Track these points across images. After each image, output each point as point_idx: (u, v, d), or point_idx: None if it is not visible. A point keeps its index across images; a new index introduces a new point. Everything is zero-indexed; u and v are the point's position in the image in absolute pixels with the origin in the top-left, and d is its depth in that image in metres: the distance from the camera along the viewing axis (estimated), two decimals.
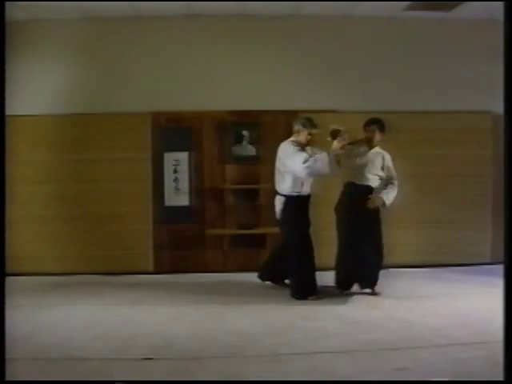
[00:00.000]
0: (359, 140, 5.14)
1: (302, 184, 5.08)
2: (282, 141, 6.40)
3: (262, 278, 5.57)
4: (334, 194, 5.35)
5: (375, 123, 5.14)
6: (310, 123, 5.04)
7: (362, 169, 5.14)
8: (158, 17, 6.30)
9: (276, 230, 6.35)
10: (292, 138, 5.13)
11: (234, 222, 6.43)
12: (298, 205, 5.11)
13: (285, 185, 5.09)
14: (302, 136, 5.06)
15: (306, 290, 5.02)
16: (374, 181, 5.17)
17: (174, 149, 6.39)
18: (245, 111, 6.39)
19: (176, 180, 6.43)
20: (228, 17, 6.34)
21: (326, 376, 3.17)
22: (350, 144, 4.86)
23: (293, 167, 4.91)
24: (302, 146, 5.03)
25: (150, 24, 6.35)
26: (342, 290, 5.15)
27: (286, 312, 4.60)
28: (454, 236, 6.45)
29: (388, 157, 5.25)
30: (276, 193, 5.20)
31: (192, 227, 6.44)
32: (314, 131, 5.03)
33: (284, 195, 5.11)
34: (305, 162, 4.78)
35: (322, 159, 4.72)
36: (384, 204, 5.14)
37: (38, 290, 5.52)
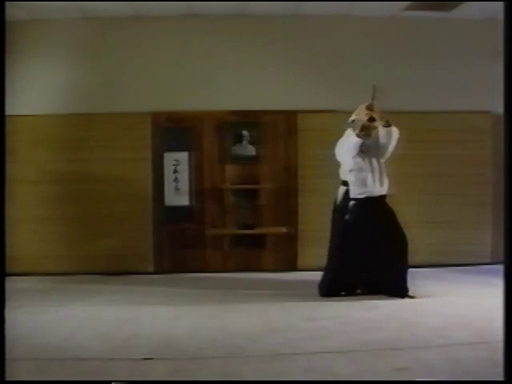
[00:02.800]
0: None
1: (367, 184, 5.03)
2: (281, 141, 6.45)
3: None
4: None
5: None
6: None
7: None
8: (158, 17, 6.30)
9: (276, 230, 6.39)
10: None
11: (234, 222, 6.43)
12: (367, 206, 5.02)
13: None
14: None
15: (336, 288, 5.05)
16: None
17: (174, 149, 6.39)
18: (245, 111, 6.39)
19: (176, 180, 6.43)
20: (228, 17, 6.35)
21: (325, 376, 3.17)
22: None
23: (347, 148, 5.01)
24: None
25: (149, 24, 6.35)
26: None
27: (286, 312, 4.60)
28: (454, 236, 6.44)
29: None
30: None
31: (192, 227, 6.44)
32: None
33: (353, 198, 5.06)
34: (358, 136, 4.95)
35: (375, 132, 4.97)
36: None
37: (38, 290, 5.52)
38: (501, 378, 2.49)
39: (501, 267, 2.62)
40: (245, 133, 6.45)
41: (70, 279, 5.99)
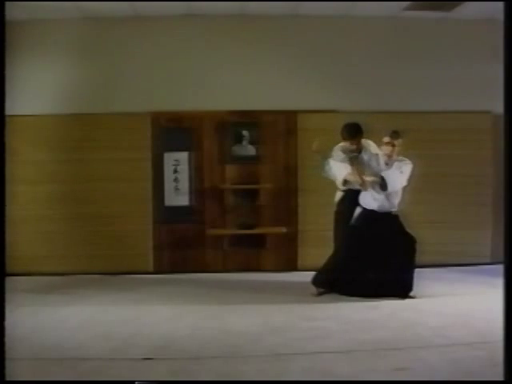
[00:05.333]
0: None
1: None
2: (281, 141, 6.45)
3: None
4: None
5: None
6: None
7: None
8: (158, 17, 6.29)
9: (276, 229, 6.40)
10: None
11: (234, 222, 6.42)
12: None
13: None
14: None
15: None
16: None
17: (174, 149, 6.39)
18: (245, 111, 6.39)
19: (176, 180, 6.43)
20: (228, 17, 6.34)
21: (326, 376, 3.17)
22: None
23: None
24: None
25: (149, 24, 6.35)
26: None
27: (286, 312, 4.61)
28: (454, 236, 6.44)
29: None
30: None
31: (192, 227, 6.43)
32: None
33: None
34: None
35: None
36: None
37: (38, 290, 5.52)
38: (501, 378, 2.50)
39: (501, 267, 2.62)
40: (245, 133, 6.45)
41: (69, 279, 5.99)
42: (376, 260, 4.94)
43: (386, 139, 5.06)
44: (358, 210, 5.11)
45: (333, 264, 5.08)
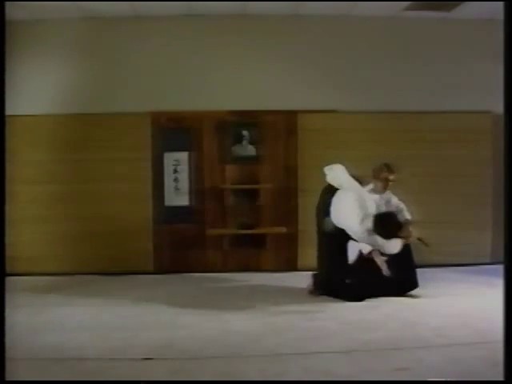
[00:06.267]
0: None
1: None
2: (281, 141, 6.45)
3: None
4: None
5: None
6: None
7: None
8: (158, 17, 6.30)
9: (276, 229, 6.40)
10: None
11: (234, 222, 6.43)
12: None
13: None
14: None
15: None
16: None
17: (174, 149, 6.39)
18: (245, 111, 6.39)
19: (176, 180, 6.43)
20: (228, 17, 6.35)
21: (325, 376, 3.17)
22: None
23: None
24: None
25: (150, 24, 6.35)
26: None
27: (286, 312, 4.61)
28: (454, 236, 6.44)
29: None
30: None
31: (192, 227, 6.44)
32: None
33: None
34: None
35: None
36: None
37: (38, 290, 5.52)
38: (501, 377, 2.50)
39: (501, 267, 2.62)
40: (245, 133, 6.45)
41: (69, 279, 5.99)
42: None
43: (386, 175, 5.12)
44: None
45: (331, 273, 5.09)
